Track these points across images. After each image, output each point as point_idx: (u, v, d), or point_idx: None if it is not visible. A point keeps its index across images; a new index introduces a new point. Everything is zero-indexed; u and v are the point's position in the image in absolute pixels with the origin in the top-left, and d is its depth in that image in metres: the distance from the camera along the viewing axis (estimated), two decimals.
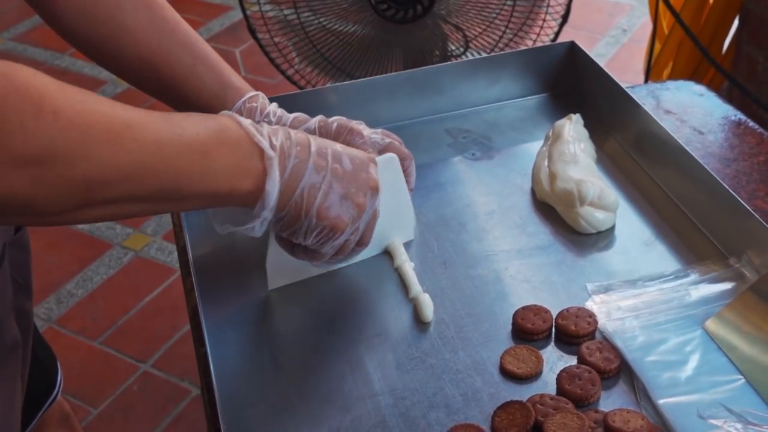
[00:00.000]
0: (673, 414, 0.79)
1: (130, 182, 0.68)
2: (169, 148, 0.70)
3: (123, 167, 0.67)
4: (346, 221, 0.84)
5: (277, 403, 0.85)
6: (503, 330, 0.91)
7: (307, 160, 0.81)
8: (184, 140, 0.72)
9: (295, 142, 0.81)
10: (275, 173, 0.78)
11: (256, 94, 0.98)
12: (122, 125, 0.67)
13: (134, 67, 0.95)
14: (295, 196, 0.80)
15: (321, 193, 0.81)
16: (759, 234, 0.92)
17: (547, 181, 1.05)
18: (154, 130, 0.70)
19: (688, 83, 1.33)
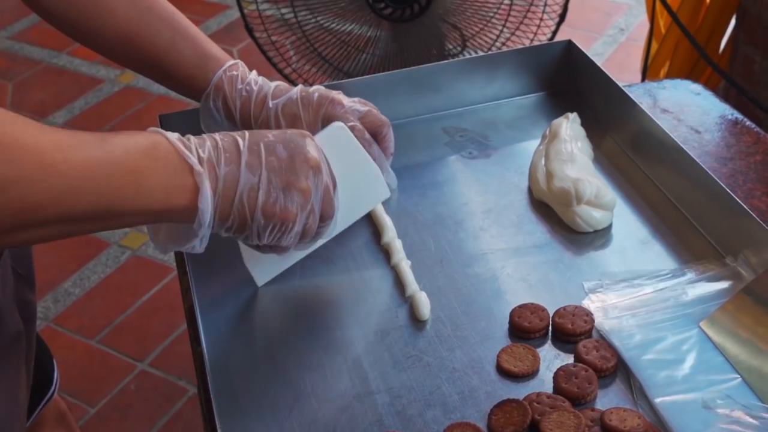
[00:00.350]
0: (669, 412, 0.79)
1: (63, 204, 0.67)
2: (100, 168, 0.69)
3: (55, 190, 0.66)
4: (294, 211, 0.82)
5: (274, 402, 0.85)
6: (500, 328, 0.91)
7: (239, 163, 0.79)
8: (114, 159, 0.71)
9: (222, 148, 0.79)
10: (206, 188, 0.76)
11: (236, 62, 1.00)
12: (52, 148, 0.67)
13: (115, 44, 0.97)
14: (235, 203, 0.79)
15: (261, 192, 0.79)
16: (755, 233, 0.92)
17: (544, 179, 1.05)
18: (84, 151, 0.69)
19: (684, 82, 1.33)
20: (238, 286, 0.99)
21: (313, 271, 1.00)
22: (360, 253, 1.02)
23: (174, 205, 0.75)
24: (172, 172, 0.75)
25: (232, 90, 0.98)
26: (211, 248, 1.02)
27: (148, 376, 2.06)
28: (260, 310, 0.96)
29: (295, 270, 1.00)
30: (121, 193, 0.71)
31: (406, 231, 1.04)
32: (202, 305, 0.95)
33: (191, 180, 0.75)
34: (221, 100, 0.99)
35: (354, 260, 1.01)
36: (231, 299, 0.97)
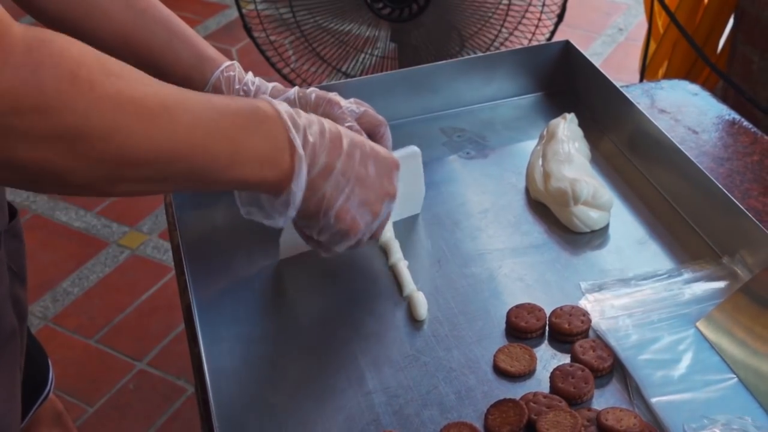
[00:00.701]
0: (665, 412, 0.80)
1: (161, 163, 0.68)
2: (203, 132, 0.70)
3: (154, 148, 0.66)
4: (361, 227, 0.85)
5: (271, 402, 0.85)
6: (497, 328, 0.91)
7: (336, 161, 0.81)
8: (219, 126, 0.71)
9: (328, 139, 0.80)
10: (303, 173, 0.77)
11: (232, 63, 0.99)
12: (159, 105, 0.67)
13: (110, 46, 0.95)
14: (317, 194, 0.81)
15: (342, 197, 0.82)
16: (752, 233, 0.92)
17: (542, 180, 1.06)
18: (191, 113, 0.69)
19: (682, 82, 1.34)
20: (236, 286, 0.99)
21: (308, 272, 1.00)
22: (358, 253, 1.02)
23: (265, 179, 0.76)
24: (273, 146, 0.76)
25: (230, 90, 0.98)
26: (208, 248, 1.03)
27: (146, 376, 2.06)
28: (258, 309, 0.96)
29: (292, 268, 1.00)
30: (218, 160, 0.72)
31: (403, 231, 1.04)
32: (199, 305, 0.95)
33: (289, 160, 0.76)
34: None
35: (351, 260, 1.01)
36: (229, 299, 0.97)
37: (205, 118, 0.70)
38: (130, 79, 0.66)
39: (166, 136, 0.67)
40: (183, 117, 0.68)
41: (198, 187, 0.76)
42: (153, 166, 0.67)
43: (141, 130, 0.65)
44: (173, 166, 0.69)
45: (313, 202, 0.81)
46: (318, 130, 0.80)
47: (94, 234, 2.47)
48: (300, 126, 0.78)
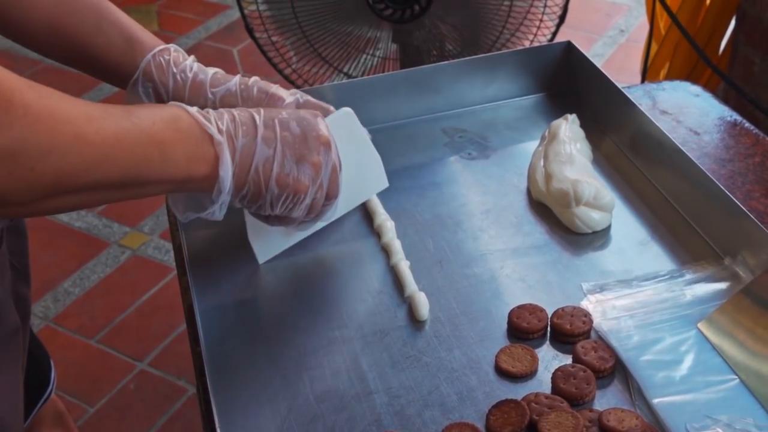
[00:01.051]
0: (667, 413, 0.80)
1: (95, 172, 0.71)
2: (128, 139, 0.73)
3: (88, 158, 0.70)
4: (306, 183, 0.86)
5: (272, 402, 0.85)
6: (498, 329, 0.91)
7: (255, 136, 0.83)
8: (141, 130, 0.74)
9: (240, 122, 0.83)
10: (226, 157, 0.80)
11: (167, 47, 0.98)
12: (84, 119, 0.70)
13: (40, 33, 0.95)
14: (251, 173, 0.83)
15: (276, 164, 0.84)
16: (754, 234, 0.92)
17: (543, 181, 1.06)
18: (113, 122, 0.72)
19: (684, 84, 1.34)
20: (238, 286, 0.99)
21: (312, 272, 1.00)
22: (359, 253, 1.02)
23: (195, 174, 0.79)
24: (194, 142, 0.79)
25: (163, 74, 0.96)
26: (210, 248, 1.03)
27: (147, 376, 2.06)
28: (259, 310, 0.96)
29: (293, 269, 1.00)
30: (147, 163, 0.75)
31: (405, 231, 1.04)
32: (201, 305, 0.95)
33: (212, 150, 0.80)
34: (151, 86, 0.97)
35: (353, 260, 1.01)
36: (230, 299, 0.97)
37: (131, 127, 0.74)
38: (60, 100, 0.69)
39: (99, 149, 0.70)
40: (111, 128, 0.72)
41: (134, 193, 0.77)
42: (89, 177, 0.70)
43: (75, 146, 0.68)
44: (108, 173, 0.72)
45: (251, 182, 0.83)
46: (228, 119, 0.82)
47: (95, 234, 2.47)
48: (211, 119, 0.81)
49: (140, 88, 0.97)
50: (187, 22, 3.51)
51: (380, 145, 1.06)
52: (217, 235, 1.05)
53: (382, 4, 1.72)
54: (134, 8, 3.62)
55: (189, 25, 3.50)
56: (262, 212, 0.88)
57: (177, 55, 0.98)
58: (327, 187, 0.90)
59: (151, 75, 0.96)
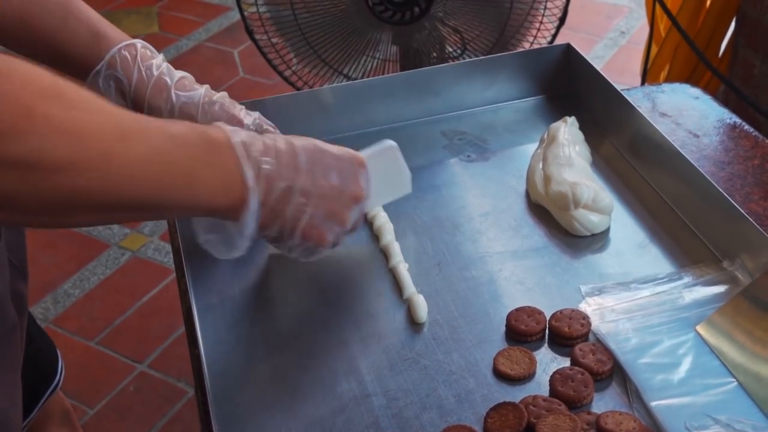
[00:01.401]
0: (665, 416, 0.80)
1: (115, 194, 0.68)
2: (158, 165, 0.70)
3: (108, 178, 0.67)
4: (329, 239, 0.86)
5: (271, 404, 0.85)
6: (497, 331, 0.91)
7: (295, 183, 0.80)
8: (174, 157, 0.71)
9: (284, 164, 0.80)
10: (254, 207, 0.77)
11: (132, 42, 0.97)
12: (115, 138, 0.67)
13: (11, 28, 0.94)
14: (279, 219, 0.81)
15: (305, 216, 0.82)
16: (752, 237, 0.92)
17: (542, 183, 1.06)
18: (147, 144, 0.69)
19: (683, 86, 1.34)
20: (237, 288, 0.99)
21: (309, 274, 1.00)
22: (358, 256, 1.02)
23: (218, 206, 0.76)
24: (226, 177, 0.75)
25: (127, 68, 0.95)
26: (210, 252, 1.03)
27: (147, 378, 2.06)
28: (258, 312, 0.96)
29: (292, 271, 1.00)
30: (172, 190, 0.72)
31: (404, 234, 1.04)
32: (199, 307, 0.95)
33: (241, 188, 0.76)
34: (113, 79, 0.95)
35: (352, 263, 1.01)
36: (229, 302, 0.97)
37: (161, 150, 0.70)
38: (90, 111, 0.66)
39: (122, 169, 0.67)
40: (139, 149, 0.69)
41: (153, 216, 0.76)
42: (107, 198, 0.68)
43: (96, 164, 0.65)
44: (128, 198, 0.69)
45: (277, 226, 0.81)
46: (272, 157, 0.79)
47: (95, 236, 2.47)
48: (253, 155, 0.77)
49: (101, 81, 0.95)
50: (187, 24, 3.51)
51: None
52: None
53: (382, 6, 1.72)
54: (135, 10, 3.62)
55: (189, 26, 3.50)
56: (279, 249, 0.87)
57: (145, 51, 0.97)
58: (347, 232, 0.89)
59: (114, 67, 0.95)
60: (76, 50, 0.95)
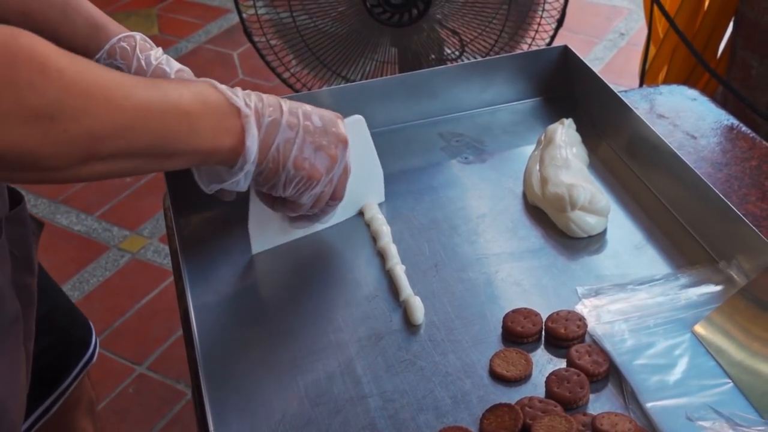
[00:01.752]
0: (660, 417, 0.80)
1: (126, 138, 0.73)
2: (157, 107, 0.76)
3: (119, 123, 0.72)
4: (321, 170, 0.90)
5: (267, 405, 0.85)
6: (493, 333, 0.91)
7: (280, 117, 0.86)
8: (169, 101, 0.77)
9: (267, 103, 0.86)
10: (253, 129, 0.83)
11: (132, 35, 0.99)
12: (115, 85, 0.73)
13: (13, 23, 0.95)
14: (272, 150, 0.86)
15: (296, 146, 0.87)
16: (749, 238, 0.92)
17: (539, 185, 1.06)
18: (143, 91, 0.75)
19: (681, 87, 1.34)
20: (234, 290, 0.99)
21: (307, 276, 1.00)
22: (355, 258, 1.02)
23: (221, 146, 0.82)
24: (221, 115, 0.82)
25: (126, 57, 0.97)
26: (207, 252, 1.03)
27: (146, 380, 2.06)
28: (255, 314, 0.96)
29: (290, 273, 1.00)
30: (175, 132, 0.78)
31: (401, 236, 1.04)
32: (197, 309, 0.95)
33: (238, 123, 0.83)
34: (113, 67, 0.96)
35: (349, 265, 1.01)
36: (226, 303, 0.97)
37: (160, 96, 0.77)
38: (90, 66, 0.72)
39: (129, 115, 0.73)
40: (141, 96, 0.75)
41: (162, 164, 0.81)
42: (119, 143, 0.73)
43: (106, 110, 0.71)
44: (137, 140, 0.75)
45: (271, 159, 0.86)
46: (256, 98, 0.86)
47: (95, 238, 2.48)
48: (239, 95, 0.84)
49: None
50: (187, 26, 3.52)
51: (377, 149, 1.07)
52: (213, 239, 1.06)
53: (380, 8, 1.73)
54: (134, 12, 3.62)
55: (189, 28, 3.50)
56: (274, 192, 0.90)
57: (144, 43, 0.99)
58: (336, 185, 0.93)
59: (114, 57, 0.97)
60: (77, 42, 0.97)
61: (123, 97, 0.73)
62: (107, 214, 2.55)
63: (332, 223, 1.04)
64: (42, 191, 2.66)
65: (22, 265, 0.97)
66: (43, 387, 1.14)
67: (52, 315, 1.17)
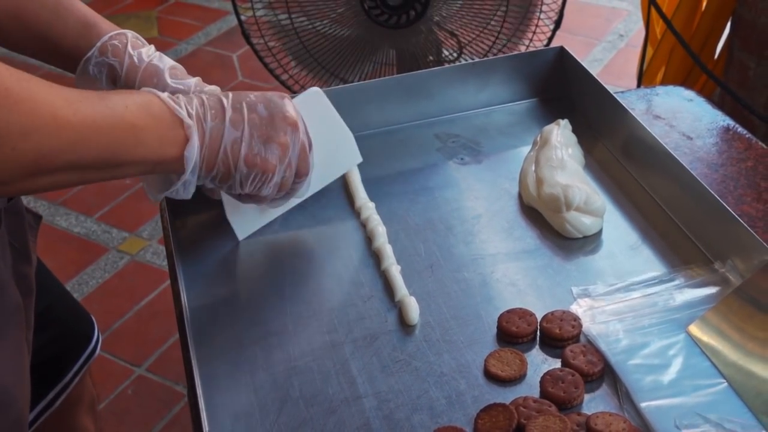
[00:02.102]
0: (654, 417, 0.80)
1: (73, 153, 0.75)
2: (104, 121, 0.77)
3: (67, 139, 0.74)
4: (274, 162, 0.90)
5: (262, 406, 0.85)
6: (488, 333, 0.91)
7: (223, 119, 0.87)
8: (116, 114, 0.79)
9: (208, 106, 0.87)
10: (194, 139, 0.84)
11: (123, 32, 0.99)
12: (63, 102, 0.74)
13: (5, 24, 0.97)
14: (220, 154, 0.87)
15: (244, 144, 0.88)
16: (744, 239, 0.92)
17: (534, 186, 1.06)
18: (90, 106, 0.76)
19: (677, 88, 1.34)
20: (229, 291, 0.99)
21: (304, 276, 1.00)
22: (350, 259, 1.02)
23: (166, 156, 0.83)
24: (166, 126, 0.83)
25: (118, 54, 0.97)
26: (203, 254, 1.04)
27: (145, 381, 2.06)
28: (250, 314, 0.96)
29: (285, 273, 1.00)
30: (122, 145, 0.79)
31: (396, 236, 1.04)
32: (192, 310, 0.95)
33: (182, 133, 0.84)
34: (106, 64, 0.97)
35: (344, 265, 1.01)
36: (222, 304, 0.97)
37: (106, 110, 0.78)
38: (38, 84, 0.73)
39: (76, 130, 0.75)
40: (88, 111, 0.76)
41: (110, 174, 0.82)
42: (67, 157, 0.75)
43: (54, 127, 0.73)
44: (84, 154, 0.76)
45: (221, 162, 0.87)
46: (197, 103, 0.86)
47: (94, 240, 2.48)
48: (181, 104, 0.85)
49: (92, 67, 0.97)
50: (186, 28, 3.52)
51: (373, 150, 1.07)
52: (210, 241, 1.06)
53: (378, 10, 1.73)
54: (134, 14, 3.63)
55: (189, 30, 3.51)
56: (233, 191, 0.92)
57: (136, 41, 0.99)
58: (296, 166, 0.93)
59: (105, 54, 0.97)
60: (68, 41, 0.98)
61: (71, 113, 0.74)
62: (106, 216, 2.56)
63: (310, 193, 1.04)
64: (41, 194, 2.66)
65: (21, 255, 0.98)
66: (45, 380, 1.15)
67: (53, 308, 1.18)
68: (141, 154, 0.81)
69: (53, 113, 0.73)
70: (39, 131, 0.71)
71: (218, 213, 1.08)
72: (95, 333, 1.27)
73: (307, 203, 1.08)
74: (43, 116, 0.72)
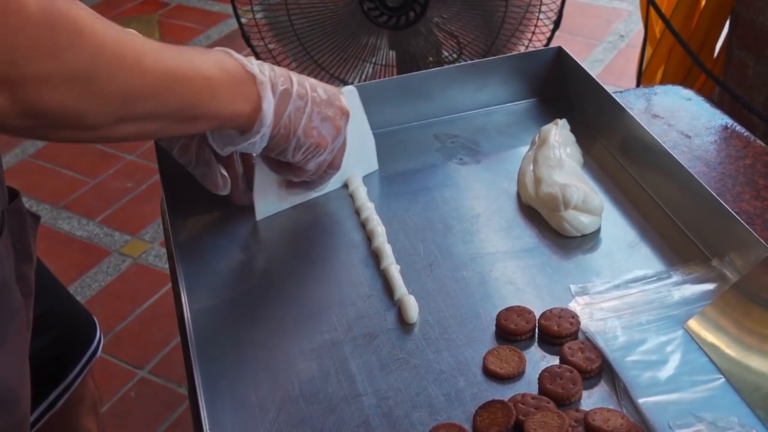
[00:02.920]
0: (652, 413, 0.80)
1: (156, 99, 0.79)
2: (183, 72, 0.81)
3: (149, 85, 0.77)
4: (328, 139, 0.96)
5: (262, 404, 0.85)
6: (487, 331, 0.92)
7: (291, 87, 0.92)
8: (194, 66, 0.82)
9: (278, 73, 0.92)
10: (269, 95, 0.89)
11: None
12: (147, 50, 0.77)
13: None
14: (284, 118, 0.92)
15: (305, 115, 0.93)
16: (741, 236, 0.93)
17: (532, 185, 1.06)
18: (169, 56, 0.80)
19: (676, 88, 1.34)
20: (230, 291, 1.00)
21: (303, 276, 1.01)
22: (350, 258, 1.03)
23: (239, 111, 0.88)
24: (239, 82, 0.87)
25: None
26: (204, 255, 1.04)
27: (148, 383, 2.07)
28: (251, 314, 0.97)
29: (284, 273, 1.01)
30: (198, 97, 0.83)
31: (396, 236, 1.05)
32: (192, 311, 0.96)
33: (254, 90, 0.88)
34: None
35: (344, 265, 1.02)
36: (222, 305, 0.98)
37: (185, 62, 0.82)
38: (121, 31, 0.76)
39: (158, 77, 0.78)
40: (168, 61, 0.80)
41: (186, 128, 0.86)
42: (149, 104, 0.78)
43: (138, 73, 0.76)
44: (165, 103, 0.80)
45: (282, 126, 0.92)
46: (269, 68, 0.91)
47: (97, 243, 2.49)
48: (254, 63, 0.89)
49: None
50: (188, 31, 3.53)
51: None
52: (210, 242, 1.06)
53: (378, 11, 1.74)
54: (135, 17, 3.64)
55: (190, 33, 3.52)
56: (283, 157, 0.96)
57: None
58: (335, 155, 0.99)
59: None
60: None
61: (153, 60, 0.77)
62: (108, 219, 2.57)
63: (326, 190, 1.10)
64: (44, 197, 2.67)
65: (22, 256, 0.99)
66: (48, 381, 1.16)
67: (54, 309, 1.20)
68: (216, 108, 0.85)
69: (138, 58, 0.75)
70: (124, 75, 0.74)
71: (219, 215, 1.09)
72: (97, 333, 1.27)
73: (307, 202, 1.09)
74: (128, 60, 0.74)
